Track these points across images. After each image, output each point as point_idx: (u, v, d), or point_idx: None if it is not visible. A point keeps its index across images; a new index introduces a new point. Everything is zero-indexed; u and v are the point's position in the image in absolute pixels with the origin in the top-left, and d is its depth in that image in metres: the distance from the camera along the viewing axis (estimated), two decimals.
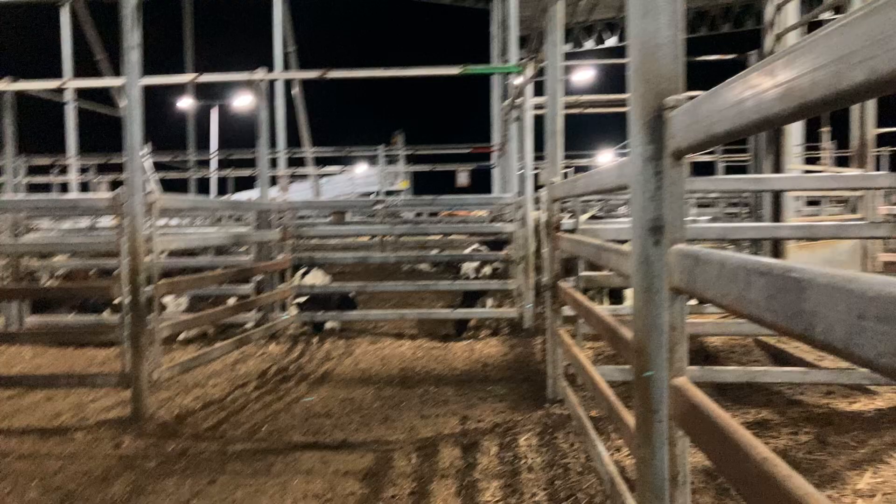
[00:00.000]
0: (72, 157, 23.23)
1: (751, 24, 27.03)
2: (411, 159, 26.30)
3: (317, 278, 8.93)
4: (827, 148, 12.90)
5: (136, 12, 4.87)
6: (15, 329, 7.48)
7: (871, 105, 7.33)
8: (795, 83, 1.06)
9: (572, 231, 4.79)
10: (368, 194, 25.85)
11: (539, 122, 6.84)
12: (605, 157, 23.40)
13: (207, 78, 9.17)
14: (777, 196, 6.38)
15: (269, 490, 3.51)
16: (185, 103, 29.08)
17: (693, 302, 5.30)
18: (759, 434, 4.01)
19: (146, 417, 4.70)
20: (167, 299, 8.03)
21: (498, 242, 9.21)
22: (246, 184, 26.15)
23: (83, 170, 22.36)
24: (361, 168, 30.22)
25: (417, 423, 4.57)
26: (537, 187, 8.77)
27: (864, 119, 7.31)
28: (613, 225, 6.23)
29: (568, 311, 4.76)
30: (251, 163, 21.13)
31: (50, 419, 4.85)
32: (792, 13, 6.61)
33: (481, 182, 25.46)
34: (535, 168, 8.63)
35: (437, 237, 15.07)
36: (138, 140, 4.90)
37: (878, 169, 16.09)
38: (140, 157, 4.97)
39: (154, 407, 4.93)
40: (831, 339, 0.91)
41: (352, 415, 4.83)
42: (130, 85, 4.89)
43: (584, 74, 22.44)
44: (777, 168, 6.42)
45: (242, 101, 27.63)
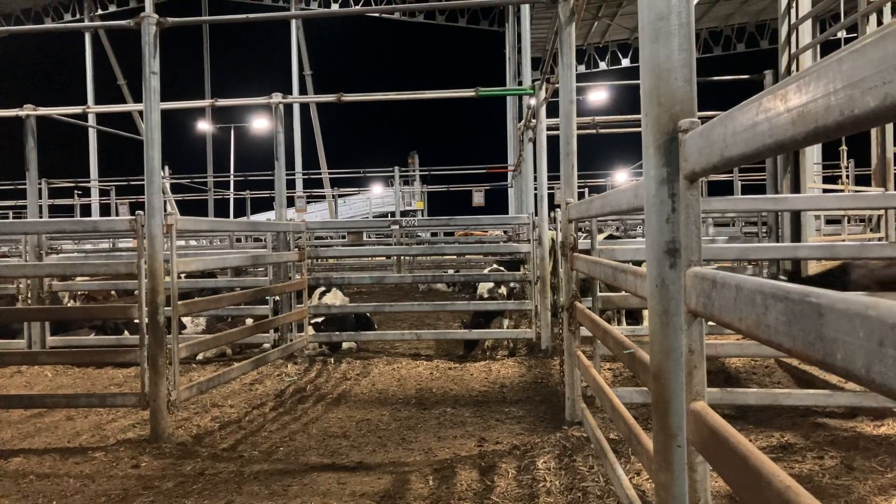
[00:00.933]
0: (93, 180, 23.67)
1: (765, 43, 27.01)
2: (427, 180, 26.47)
3: (336, 298, 8.97)
4: (846, 167, 12.79)
5: (155, 39, 4.98)
6: (37, 349, 7.57)
7: (890, 124, 7.28)
8: (809, 108, 1.06)
9: (588, 251, 4.78)
10: (384, 215, 26.00)
11: (554, 142, 6.86)
12: (621, 177, 23.35)
13: (225, 102, 9.33)
14: (797, 215, 6.32)
15: None
16: (204, 126, 29.56)
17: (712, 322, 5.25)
18: (782, 458, 3.94)
19: (164, 437, 4.72)
20: (186, 320, 8.10)
21: (514, 262, 9.20)
22: (263, 205, 26.42)
23: (104, 192, 22.74)
24: (377, 189, 30.43)
25: (434, 445, 4.55)
26: (553, 207, 8.78)
27: (884, 138, 7.25)
28: (630, 245, 6.21)
29: (585, 331, 4.73)
30: (268, 184, 21.38)
31: (70, 439, 4.89)
32: (807, 33, 6.61)
33: (497, 202, 25.53)
34: (551, 188, 8.65)
35: (454, 257, 15.09)
36: (157, 163, 4.98)
37: None
38: (159, 179, 5.05)
39: (172, 427, 4.95)
40: (851, 366, 0.90)
41: (368, 436, 4.82)
42: (150, 110, 4.99)
43: (599, 95, 22.52)
44: (796, 187, 6.38)
45: (260, 124, 28.05)
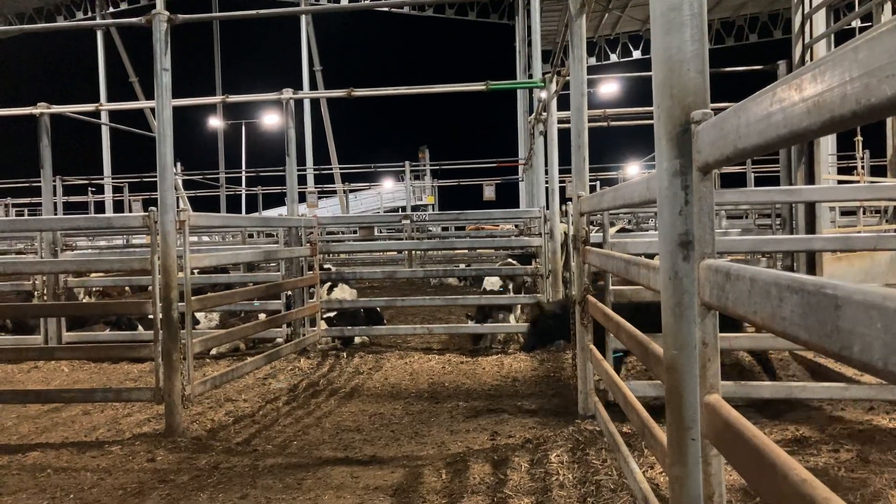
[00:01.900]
0: (106, 177, 23.87)
1: (778, 33, 26.71)
2: (437, 174, 26.46)
3: (344, 293, 9.00)
4: (861, 157, 12.64)
5: (166, 36, 5.00)
6: (53, 345, 7.66)
7: None
8: (825, 97, 1.05)
9: (600, 245, 4.76)
10: (395, 210, 26.04)
11: (565, 135, 6.83)
12: (632, 170, 23.22)
13: (236, 98, 9.37)
14: (811, 207, 6.26)
15: None
16: (215, 123, 29.69)
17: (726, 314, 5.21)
18: (797, 451, 3.91)
19: (179, 432, 4.76)
20: (199, 315, 8.16)
21: (526, 256, 9.19)
22: (275, 201, 26.52)
23: (117, 189, 22.92)
24: (388, 184, 30.46)
25: (447, 439, 4.56)
26: (564, 200, 8.74)
27: None
28: (643, 238, 6.18)
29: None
30: (280, 180, 21.45)
31: (87, 433, 4.95)
32: (820, 22, 6.53)
33: (508, 196, 25.48)
34: (562, 181, 8.61)
35: (465, 251, 15.08)
36: (170, 160, 5.01)
37: None
38: (172, 176, 5.08)
39: (187, 421, 5.00)
40: (869, 358, 0.89)
41: (381, 430, 4.84)
42: (162, 106, 5.01)
43: (610, 87, 22.39)
44: (810, 178, 6.31)
45: (271, 120, 28.13)
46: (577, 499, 3.42)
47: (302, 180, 24.35)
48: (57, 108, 8.43)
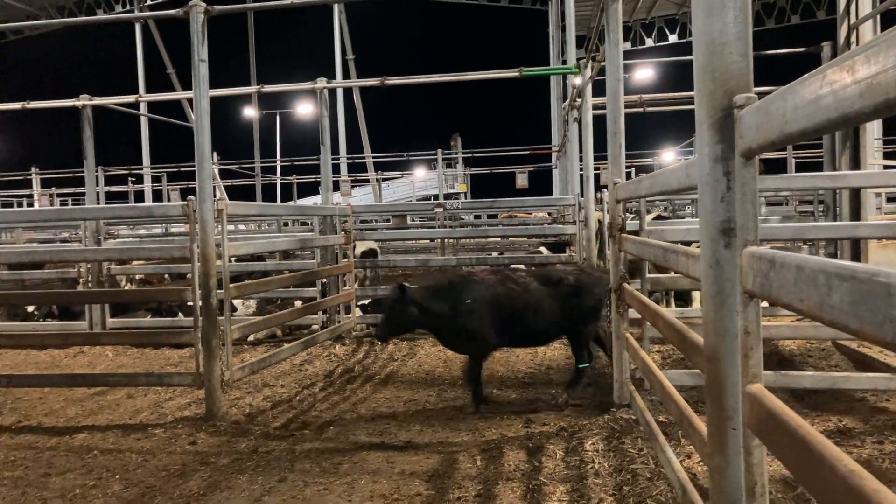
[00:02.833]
0: (145, 167, 24.37)
1: (822, 14, 25.84)
2: (469, 162, 26.36)
3: (362, 245, 9.01)
4: None
5: (203, 28, 5.06)
6: (98, 330, 7.89)
7: None
8: (878, 79, 1.02)
9: (636, 232, 4.70)
10: (427, 198, 26.06)
11: (599, 121, 6.75)
12: (668, 157, 22.81)
13: (272, 88, 9.45)
14: (856, 193, 6.08)
15: (337, 489, 3.59)
16: (250, 112, 30.04)
17: (764, 304, 5.12)
18: (841, 443, 3.83)
19: (219, 416, 4.88)
20: (237, 302, 8.31)
21: (559, 244, 9.13)
22: (308, 189, 26.73)
23: (156, 179, 23.37)
24: (420, 172, 30.47)
25: (481, 426, 4.58)
26: (599, 188, 8.64)
27: None
28: (680, 226, 6.08)
29: (634, 313, 4.67)
30: (313, 169, 21.63)
31: (131, 416, 5.10)
32: (866, 2, 6.30)
33: (541, 183, 25.27)
34: (596, 168, 8.52)
35: (497, 239, 15.04)
36: (208, 150, 5.09)
37: None
38: (210, 166, 5.16)
39: (226, 406, 5.11)
40: None
41: (416, 416, 4.88)
42: (199, 97, 5.09)
43: (645, 73, 21.96)
44: (855, 163, 6.13)
45: (304, 109, 28.35)
46: (612, 487, 3.41)
47: (335, 169, 24.51)
48: (99, 100, 8.62)
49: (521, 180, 20.29)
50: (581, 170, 8.51)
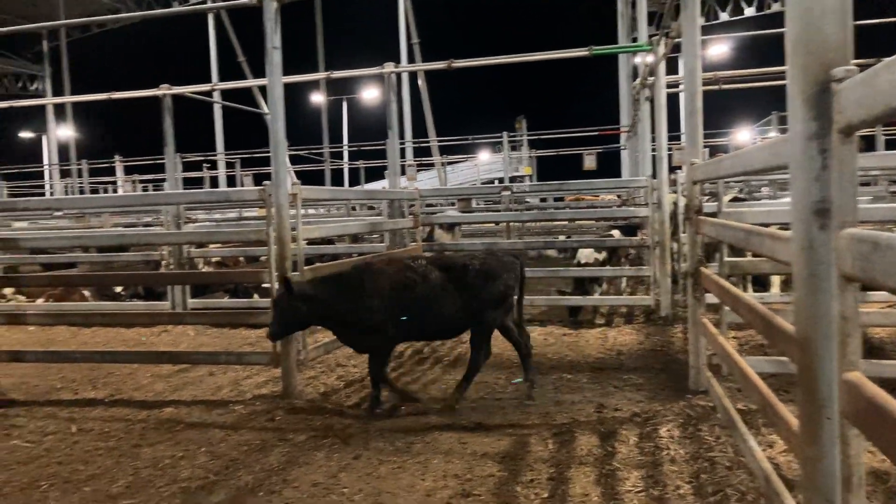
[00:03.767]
0: (220, 153, 25.23)
1: None
2: (535, 144, 26.03)
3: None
4: None
5: (276, 15, 5.17)
6: (180, 310, 8.27)
7: None
8: None
9: (714, 215, 4.55)
10: (492, 181, 25.93)
11: (671, 101, 6.53)
12: (743, 136, 21.88)
13: (340, 74, 9.61)
14: None
15: (410, 468, 3.66)
16: (317, 98, 30.59)
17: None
18: None
19: (295, 394, 5.04)
20: None
21: (630, 227, 8.93)
22: (374, 173, 27.01)
23: (229, 164, 24.15)
24: (484, 156, 30.32)
25: (552, 410, 4.56)
26: (672, 169, 8.38)
27: None
28: (761, 208, 5.85)
29: (711, 298, 4.53)
30: (380, 153, 21.85)
31: (213, 392, 5.34)
32: None
33: (609, 165, 24.71)
34: (668, 149, 8.26)
35: (564, 223, 14.84)
36: (282, 136, 5.22)
37: None
38: (285, 151, 5.30)
39: (301, 385, 5.27)
40: None
41: (486, 398, 4.91)
42: (273, 84, 5.20)
43: (719, 48, 21.06)
44: None
45: (370, 94, 28.63)
46: (689, 475, 3.34)
47: (401, 153, 24.68)
48: (178, 90, 8.97)
49: (589, 162, 19.86)
50: (653, 150, 8.27)
